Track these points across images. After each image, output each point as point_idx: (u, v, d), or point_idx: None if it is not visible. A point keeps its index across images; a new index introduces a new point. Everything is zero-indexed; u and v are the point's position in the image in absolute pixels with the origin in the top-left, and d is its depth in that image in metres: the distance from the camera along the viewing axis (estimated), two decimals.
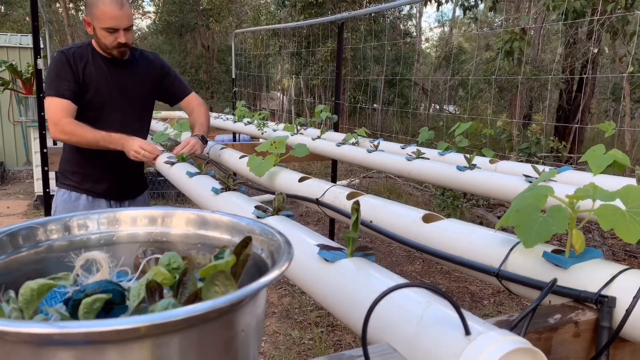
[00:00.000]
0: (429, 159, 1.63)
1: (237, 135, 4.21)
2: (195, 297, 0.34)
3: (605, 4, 3.83)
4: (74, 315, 0.31)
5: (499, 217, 3.79)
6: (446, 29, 16.58)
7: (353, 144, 2.05)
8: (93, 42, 1.62)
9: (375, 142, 2.01)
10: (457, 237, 0.78)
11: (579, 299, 0.59)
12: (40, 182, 2.47)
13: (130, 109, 1.68)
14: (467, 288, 2.89)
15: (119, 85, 1.64)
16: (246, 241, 0.39)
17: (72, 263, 0.43)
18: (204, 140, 1.74)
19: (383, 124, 9.20)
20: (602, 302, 0.56)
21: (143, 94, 1.73)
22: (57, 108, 1.53)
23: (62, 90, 1.53)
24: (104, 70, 1.61)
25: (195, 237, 0.48)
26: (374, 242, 3.63)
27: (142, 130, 1.75)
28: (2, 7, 14.20)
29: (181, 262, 0.37)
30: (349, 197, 1.07)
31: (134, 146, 1.54)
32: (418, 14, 11.70)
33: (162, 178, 4.54)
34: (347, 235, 0.62)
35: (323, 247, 0.66)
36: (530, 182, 1.19)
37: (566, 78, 5.87)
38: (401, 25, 11.17)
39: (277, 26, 7.58)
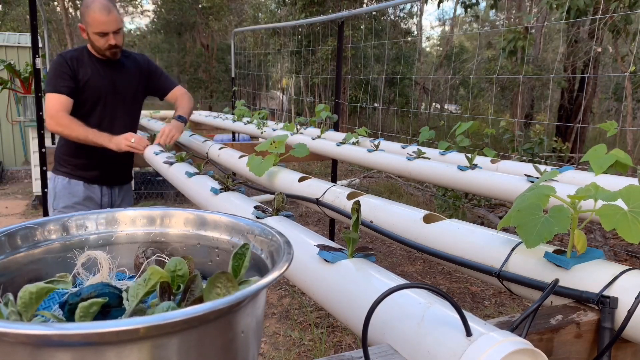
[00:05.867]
0: (429, 158, 1.62)
1: (236, 135, 4.21)
2: (200, 300, 0.34)
3: (608, 2, 3.82)
4: (70, 319, 0.31)
5: (500, 217, 3.79)
6: (447, 27, 16.56)
7: (353, 143, 2.05)
8: (88, 46, 1.82)
9: (376, 142, 2.01)
10: (458, 237, 0.78)
11: (581, 299, 0.58)
12: (39, 182, 2.47)
13: (121, 104, 1.88)
14: (468, 289, 2.89)
15: (111, 83, 1.84)
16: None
17: (74, 260, 0.43)
18: (181, 119, 1.94)
19: (383, 123, 9.19)
20: (603, 303, 0.56)
21: (132, 90, 1.93)
22: (54, 102, 1.71)
23: (58, 86, 1.72)
24: (98, 70, 1.81)
25: (194, 237, 0.48)
26: (375, 243, 3.63)
27: (132, 123, 1.95)
28: (1, 6, 14.18)
29: (186, 270, 0.37)
30: (349, 197, 1.07)
31: (124, 137, 1.74)
32: (419, 12, 11.68)
33: (160, 178, 4.54)
34: (347, 235, 0.62)
35: (323, 248, 0.65)
36: (532, 182, 1.19)
37: (568, 77, 5.86)
38: (402, 24, 11.15)
39: (277, 25, 7.57)
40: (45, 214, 2.32)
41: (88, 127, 1.72)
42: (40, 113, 2.30)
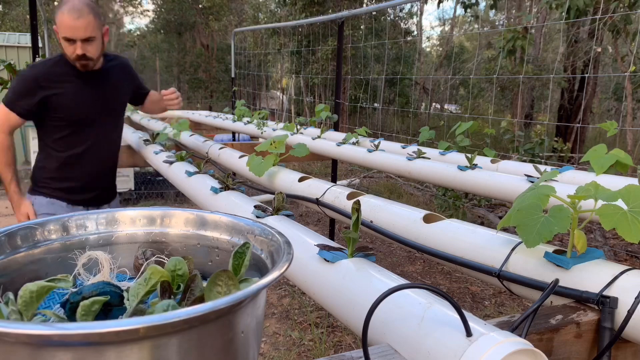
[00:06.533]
0: (429, 158, 1.62)
1: (236, 135, 4.21)
2: (200, 300, 0.34)
3: (608, 2, 3.82)
4: (71, 318, 0.31)
5: (500, 217, 3.78)
6: (447, 27, 16.58)
7: (353, 143, 2.05)
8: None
9: (376, 142, 2.01)
10: (458, 237, 0.78)
11: (581, 299, 0.59)
12: None
13: (107, 119, 1.67)
14: (468, 289, 2.89)
15: (94, 97, 1.59)
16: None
17: (74, 261, 0.43)
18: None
19: (384, 123, 9.19)
20: (603, 303, 0.56)
21: (119, 100, 1.72)
22: (3, 119, 1.51)
23: (15, 103, 1.50)
24: (79, 85, 1.55)
25: (194, 237, 0.48)
26: (374, 243, 3.63)
27: (116, 141, 1.76)
28: (1, 6, 14.17)
29: (186, 269, 0.37)
30: (349, 197, 1.07)
31: (21, 215, 1.65)
32: (419, 12, 11.69)
33: (161, 178, 4.54)
34: (347, 235, 0.62)
35: (323, 248, 0.65)
36: (532, 182, 1.19)
37: (568, 77, 5.86)
38: (402, 24, 11.16)
39: (277, 25, 7.58)
40: None
41: (14, 168, 1.55)
42: None
